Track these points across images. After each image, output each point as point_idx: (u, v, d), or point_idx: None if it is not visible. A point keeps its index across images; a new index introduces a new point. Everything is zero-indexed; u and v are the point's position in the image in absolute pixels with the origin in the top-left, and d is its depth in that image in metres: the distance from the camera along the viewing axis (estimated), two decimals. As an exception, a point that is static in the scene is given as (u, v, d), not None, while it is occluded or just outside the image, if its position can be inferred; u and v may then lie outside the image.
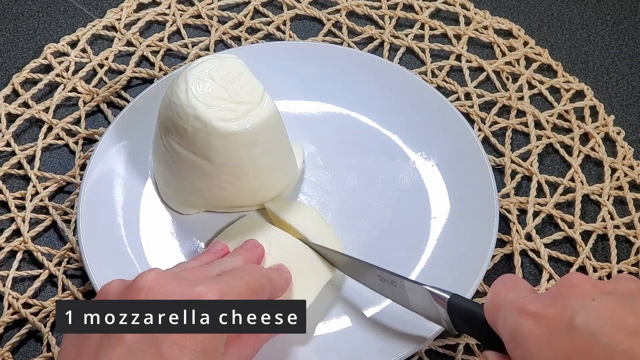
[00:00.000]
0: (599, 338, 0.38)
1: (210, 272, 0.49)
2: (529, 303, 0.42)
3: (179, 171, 0.60)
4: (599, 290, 0.41)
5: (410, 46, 0.76)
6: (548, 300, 0.41)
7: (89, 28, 0.77)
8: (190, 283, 0.45)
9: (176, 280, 0.45)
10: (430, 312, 0.52)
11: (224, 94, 0.57)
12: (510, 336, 0.42)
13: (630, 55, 0.76)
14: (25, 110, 0.71)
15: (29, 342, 0.59)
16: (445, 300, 0.50)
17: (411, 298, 0.53)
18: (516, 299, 0.43)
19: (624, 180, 0.67)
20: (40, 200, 0.65)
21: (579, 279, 0.42)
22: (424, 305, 0.52)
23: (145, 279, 0.44)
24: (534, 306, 0.42)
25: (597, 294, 0.40)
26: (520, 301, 0.42)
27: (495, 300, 0.45)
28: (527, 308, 0.42)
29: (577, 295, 0.41)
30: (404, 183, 0.65)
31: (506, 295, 0.44)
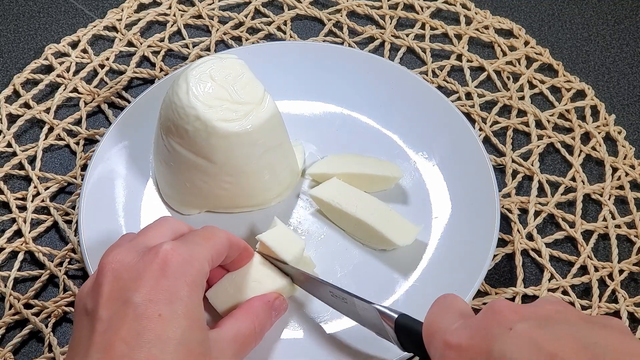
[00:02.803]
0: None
1: None
2: (453, 335, 0.42)
3: (180, 171, 0.60)
4: (517, 316, 0.40)
5: (411, 46, 0.76)
6: (471, 331, 0.42)
7: (90, 28, 0.77)
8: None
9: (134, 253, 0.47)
10: (379, 330, 0.51)
11: (224, 95, 0.57)
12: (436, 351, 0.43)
13: (631, 55, 0.76)
14: (26, 110, 0.71)
15: (31, 342, 0.59)
16: (392, 320, 0.49)
17: (362, 315, 0.52)
18: (444, 328, 0.43)
19: (625, 179, 0.67)
20: (42, 201, 0.65)
21: (501, 306, 0.42)
22: (374, 323, 0.51)
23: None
24: (457, 338, 0.42)
25: (515, 321, 0.40)
26: (445, 332, 0.43)
27: (429, 327, 0.45)
28: (450, 341, 0.42)
29: (497, 324, 0.40)
30: (405, 183, 0.65)
31: (439, 322, 0.44)
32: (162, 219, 0.52)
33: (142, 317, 0.43)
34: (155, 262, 0.45)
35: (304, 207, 0.64)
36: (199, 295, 0.46)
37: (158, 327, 0.43)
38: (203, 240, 0.49)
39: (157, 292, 0.44)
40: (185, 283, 0.45)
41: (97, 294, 0.45)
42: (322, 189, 0.62)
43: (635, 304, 0.60)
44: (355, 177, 0.63)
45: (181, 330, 0.43)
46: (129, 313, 0.43)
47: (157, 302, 0.43)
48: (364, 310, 0.52)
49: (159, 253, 0.45)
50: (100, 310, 0.44)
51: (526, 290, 0.61)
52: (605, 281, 0.62)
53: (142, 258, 0.46)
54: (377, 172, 0.63)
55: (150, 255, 0.46)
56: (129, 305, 0.43)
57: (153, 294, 0.44)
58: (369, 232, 0.60)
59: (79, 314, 0.46)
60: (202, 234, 0.50)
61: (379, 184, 0.63)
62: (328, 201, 0.61)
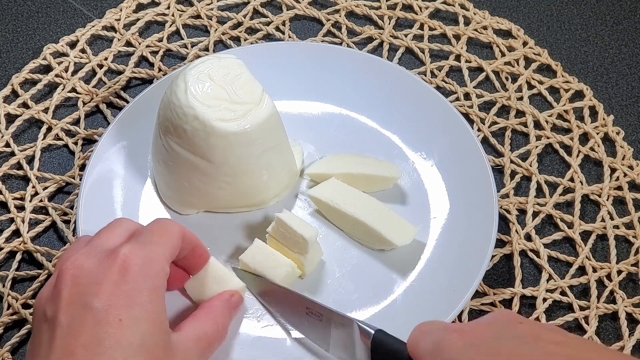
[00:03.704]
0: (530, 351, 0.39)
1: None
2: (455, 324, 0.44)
3: (178, 171, 0.60)
4: None
5: (410, 46, 0.76)
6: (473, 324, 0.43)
7: (88, 28, 0.77)
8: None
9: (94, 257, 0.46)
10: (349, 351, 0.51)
11: (223, 94, 0.57)
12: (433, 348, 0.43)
13: (629, 56, 0.76)
14: (24, 110, 0.71)
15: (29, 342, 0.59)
16: (369, 336, 0.49)
17: (333, 334, 0.52)
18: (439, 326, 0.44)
19: (624, 180, 0.67)
20: (40, 201, 0.65)
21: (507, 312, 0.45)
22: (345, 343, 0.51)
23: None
24: (459, 326, 0.43)
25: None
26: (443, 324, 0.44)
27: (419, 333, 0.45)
28: (452, 326, 0.43)
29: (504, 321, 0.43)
30: (403, 183, 0.65)
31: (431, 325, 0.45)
32: (115, 221, 0.51)
33: (102, 323, 0.43)
34: (115, 266, 0.45)
35: (303, 207, 0.64)
36: (160, 298, 0.46)
37: (118, 332, 0.43)
38: (159, 237, 0.48)
39: (117, 297, 0.44)
40: (145, 287, 0.45)
41: (56, 300, 0.45)
42: (321, 189, 0.62)
43: (634, 304, 0.60)
44: (353, 177, 0.63)
45: (141, 334, 0.43)
46: (88, 318, 0.43)
47: (117, 307, 0.43)
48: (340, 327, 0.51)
49: (117, 257, 0.45)
50: (60, 315, 0.44)
51: (524, 290, 0.61)
52: (603, 282, 0.62)
53: (101, 262, 0.45)
54: (375, 172, 0.63)
55: (110, 259, 0.45)
56: (88, 310, 0.43)
57: (113, 298, 0.44)
58: (367, 232, 0.60)
59: (39, 320, 0.45)
60: (156, 230, 0.49)
61: (377, 184, 0.63)
62: (326, 201, 0.61)
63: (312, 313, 0.53)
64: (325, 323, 0.52)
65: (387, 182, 0.63)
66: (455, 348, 0.41)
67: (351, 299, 0.59)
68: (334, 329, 0.52)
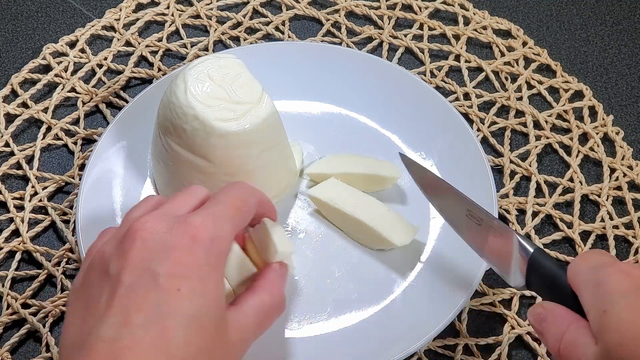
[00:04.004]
0: None
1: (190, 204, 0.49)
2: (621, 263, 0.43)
3: (178, 171, 0.60)
4: None
5: (409, 46, 0.76)
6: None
7: (88, 28, 0.77)
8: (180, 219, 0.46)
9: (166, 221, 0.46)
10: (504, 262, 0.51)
11: (222, 94, 0.57)
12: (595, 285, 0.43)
13: (629, 56, 0.76)
14: (24, 110, 0.71)
15: (28, 342, 0.59)
16: (527, 253, 0.49)
17: (490, 242, 0.52)
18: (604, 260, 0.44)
19: (623, 180, 0.67)
20: (39, 201, 0.65)
21: None
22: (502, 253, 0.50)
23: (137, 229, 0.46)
24: (625, 266, 0.43)
25: None
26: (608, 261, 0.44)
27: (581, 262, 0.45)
28: (617, 265, 0.43)
29: None
30: (403, 183, 0.65)
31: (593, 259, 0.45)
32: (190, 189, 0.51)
33: (162, 290, 0.43)
34: (184, 237, 0.45)
35: (302, 207, 0.64)
36: (220, 275, 0.46)
37: (176, 301, 0.43)
38: (233, 212, 0.48)
39: (181, 267, 0.44)
40: (208, 263, 0.45)
41: (123, 258, 0.44)
42: (320, 188, 0.62)
43: (633, 304, 0.60)
44: (353, 177, 0.63)
45: (196, 307, 0.43)
46: (150, 283, 0.43)
47: (178, 277, 0.43)
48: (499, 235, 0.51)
49: (188, 228, 0.45)
50: (124, 275, 0.44)
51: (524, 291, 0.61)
52: (603, 282, 0.62)
53: (170, 229, 0.45)
54: (375, 172, 0.63)
55: (180, 228, 0.45)
56: (152, 275, 0.43)
57: (176, 268, 0.44)
58: (367, 232, 0.60)
59: (99, 273, 0.45)
60: (233, 204, 0.49)
61: (377, 184, 0.63)
62: (326, 201, 0.61)
63: (472, 216, 0.53)
64: (485, 228, 0.52)
65: (387, 182, 0.63)
66: (619, 290, 0.41)
67: (351, 299, 0.59)
68: (492, 236, 0.51)
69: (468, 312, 0.60)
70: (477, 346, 0.58)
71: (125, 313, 0.42)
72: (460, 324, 0.59)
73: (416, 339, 0.55)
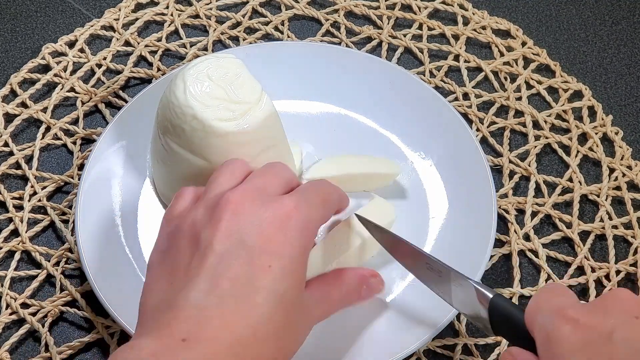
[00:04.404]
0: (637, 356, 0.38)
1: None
2: (571, 308, 0.42)
3: (177, 171, 0.60)
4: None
5: (409, 46, 0.76)
6: (590, 310, 0.42)
7: (87, 28, 0.77)
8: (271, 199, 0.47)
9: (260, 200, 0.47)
10: (470, 309, 0.51)
11: (222, 94, 0.57)
12: (545, 338, 0.42)
13: (628, 55, 0.76)
14: (23, 110, 0.71)
15: (27, 342, 0.59)
16: (487, 299, 0.49)
17: (454, 292, 0.52)
18: (558, 304, 0.43)
19: (622, 180, 0.67)
20: (39, 200, 0.65)
21: (626, 295, 0.42)
22: (466, 301, 0.51)
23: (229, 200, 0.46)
24: (575, 313, 0.42)
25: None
26: (562, 306, 0.43)
27: (538, 303, 0.45)
28: (567, 313, 0.42)
29: (620, 310, 0.41)
30: (402, 183, 0.65)
31: (550, 299, 0.44)
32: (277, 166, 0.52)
33: (253, 264, 0.43)
34: (279, 214, 0.46)
35: (301, 207, 0.64)
36: (306, 258, 0.47)
37: (266, 277, 0.43)
38: (322, 202, 0.49)
39: (273, 245, 0.44)
40: (298, 244, 0.46)
41: (215, 226, 0.45)
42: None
43: (632, 304, 0.60)
44: (353, 177, 0.63)
45: (285, 287, 0.44)
46: (242, 255, 0.44)
47: (270, 254, 0.44)
48: (459, 286, 0.51)
49: (283, 206, 0.46)
50: (216, 243, 0.44)
51: (523, 290, 0.61)
52: (602, 282, 0.62)
53: (264, 206, 0.46)
54: (374, 170, 0.63)
55: (274, 206, 0.46)
56: (244, 247, 0.44)
57: (269, 245, 0.44)
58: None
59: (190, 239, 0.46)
60: (321, 194, 0.50)
61: (377, 182, 0.63)
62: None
63: (431, 269, 0.54)
64: (445, 279, 0.53)
65: (387, 178, 0.63)
66: (567, 346, 0.41)
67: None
68: (453, 286, 0.52)
69: (467, 312, 0.60)
70: (476, 346, 0.58)
71: (216, 280, 0.43)
72: (459, 324, 0.59)
73: (415, 339, 0.55)
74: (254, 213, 0.46)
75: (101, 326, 0.59)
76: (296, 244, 0.46)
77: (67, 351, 0.58)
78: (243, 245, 0.44)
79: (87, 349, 0.59)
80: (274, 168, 0.52)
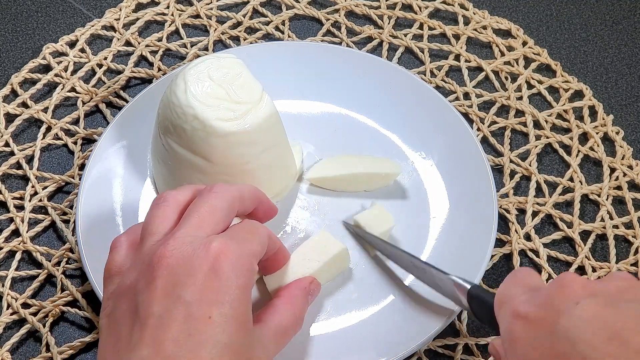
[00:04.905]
0: (576, 345, 0.38)
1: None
2: (521, 305, 0.42)
3: (178, 171, 0.60)
4: (586, 291, 0.41)
5: (409, 46, 0.76)
6: (538, 303, 0.42)
7: (88, 28, 0.77)
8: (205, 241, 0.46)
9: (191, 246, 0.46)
10: (456, 299, 0.53)
11: (222, 94, 0.57)
12: (504, 336, 0.43)
13: (629, 55, 0.76)
14: (24, 110, 0.71)
15: (28, 342, 0.59)
16: (465, 290, 0.52)
17: (440, 284, 0.55)
18: (513, 298, 0.44)
19: (623, 180, 0.67)
20: (39, 200, 0.65)
21: (570, 279, 0.42)
22: (450, 292, 0.53)
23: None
24: (525, 308, 0.42)
25: (582, 296, 0.40)
26: (515, 301, 0.43)
27: (499, 297, 0.46)
28: (518, 310, 0.42)
29: (564, 298, 0.41)
30: (403, 183, 0.65)
31: (509, 292, 0.45)
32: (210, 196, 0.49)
33: (192, 318, 0.43)
34: (208, 259, 0.44)
35: (302, 206, 0.64)
36: (248, 296, 0.45)
37: (208, 329, 0.42)
38: (250, 235, 0.48)
39: (209, 292, 0.43)
40: (236, 284, 0.44)
41: (151, 288, 0.44)
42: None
43: (633, 304, 0.60)
44: (354, 177, 0.63)
45: (229, 334, 0.43)
46: (180, 312, 0.43)
47: (207, 303, 0.43)
48: (441, 280, 0.54)
49: (210, 249, 0.45)
50: (154, 305, 0.43)
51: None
52: (603, 281, 0.62)
53: (195, 254, 0.45)
54: (375, 170, 0.63)
55: (204, 253, 0.45)
56: (182, 303, 0.43)
57: (204, 293, 0.43)
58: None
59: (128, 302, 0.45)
60: (246, 228, 0.49)
61: (378, 182, 0.63)
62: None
63: (417, 267, 0.56)
64: (429, 275, 0.55)
65: (388, 178, 0.63)
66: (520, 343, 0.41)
67: (351, 299, 0.59)
68: (437, 280, 0.54)
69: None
70: (477, 346, 0.58)
71: (158, 344, 0.42)
72: (460, 324, 0.59)
73: (416, 339, 0.55)
74: (186, 264, 0.44)
75: (102, 326, 0.59)
76: (233, 285, 0.44)
77: (68, 351, 0.58)
78: (181, 301, 0.43)
79: (88, 349, 0.59)
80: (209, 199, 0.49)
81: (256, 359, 0.45)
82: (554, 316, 0.40)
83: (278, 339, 0.49)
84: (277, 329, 0.49)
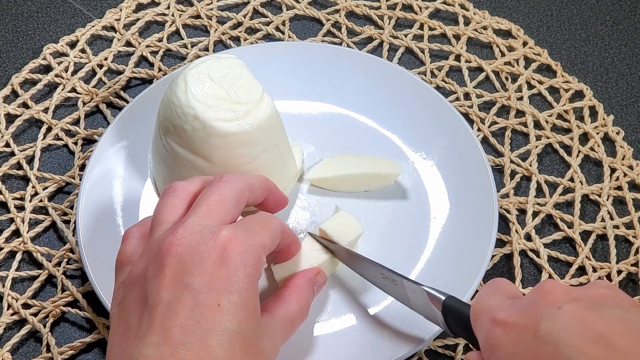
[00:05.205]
0: (560, 348, 0.38)
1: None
2: (500, 311, 0.42)
3: (178, 171, 0.60)
4: (568, 297, 0.40)
5: (410, 46, 0.76)
6: (519, 309, 0.42)
7: (88, 28, 0.77)
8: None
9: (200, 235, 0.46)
10: (428, 312, 0.52)
11: (223, 94, 0.57)
12: (484, 344, 0.43)
13: (629, 55, 0.76)
14: (24, 110, 0.71)
15: (29, 342, 0.59)
16: (440, 302, 0.50)
17: (411, 297, 0.53)
18: (492, 306, 0.43)
19: (624, 180, 0.67)
20: (40, 201, 0.65)
21: (551, 286, 0.42)
22: (422, 305, 0.52)
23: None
24: (504, 314, 0.42)
25: (565, 302, 0.40)
26: (493, 309, 0.43)
27: (476, 307, 0.45)
28: (497, 317, 0.42)
29: (546, 303, 0.40)
30: (403, 183, 0.65)
31: (487, 301, 0.44)
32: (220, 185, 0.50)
33: (200, 306, 0.43)
34: (217, 248, 0.44)
35: (302, 207, 0.64)
36: (255, 286, 0.46)
37: (216, 317, 0.43)
38: (260, 227, 0.48)
39: (217, 281, 0.44)
40: (244, 274, 0.45)
41: (159, 277, 0.44)
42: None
43: (634, 304, 0.60)
44: (354, 178, 0.63)
45: (238, 321, 0.43)
46: (189, 299, 0.43)
47: (216, 291, 0.43)
48: (413, 292, 0.52)
49: (219, 239, 0.45)
50: (163, 292, 0.43)
51: (524, 290, 0.61)
52: (603, 281, 0.62)
53: (204, 242, 0.45)
54: (375, 170, 0.63)
55: (213, 242, 0.45)
56: (190, 291, 0.43)
57: (213, 282, 0.43)
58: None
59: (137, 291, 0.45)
60: (259, 221, 0.49)
61: (378, 182, 0.63)
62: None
63: (386, 278, 0.54)
64: (400, 286, 0.53)
65: (388, 178, 0.63)
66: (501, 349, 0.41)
67: (351, 299, 0.59)
68: (409, 292, 0.53)
69: (468, 312, 0.60)
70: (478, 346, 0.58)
71: (167, 331, 0.42)
72: (460, 324, 0.59)
73: (417, 339, 0.55)
74: (195, 252, 0.45)
75: (102, 326, 0.59)
76: (241, 274, 0.44)
77: (69, 351, 0.58)
78: (189, 289, 0.43)
79: (88, 349, 0.59)
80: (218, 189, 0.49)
81: (264, 348, 0.46)
82: (536, 321, 0.40)
83: (285, 329, 0.49)
84: (284, 318, 0.50)
